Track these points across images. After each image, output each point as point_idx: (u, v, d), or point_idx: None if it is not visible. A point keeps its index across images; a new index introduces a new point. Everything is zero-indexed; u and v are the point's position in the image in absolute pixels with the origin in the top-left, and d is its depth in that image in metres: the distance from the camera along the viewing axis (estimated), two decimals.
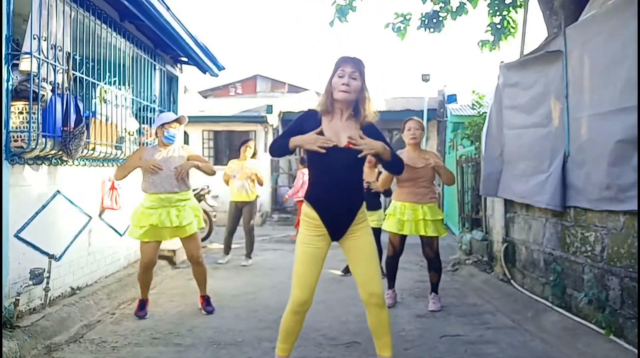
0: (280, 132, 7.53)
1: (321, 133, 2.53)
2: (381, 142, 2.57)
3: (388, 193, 5.52)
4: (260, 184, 6.39)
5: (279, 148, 2.68)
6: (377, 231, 5.56)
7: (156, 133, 4.09)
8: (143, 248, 3.91)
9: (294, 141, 2.55)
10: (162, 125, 3.97)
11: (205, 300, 4.14)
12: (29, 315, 3.45)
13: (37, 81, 3.47)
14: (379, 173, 5.58)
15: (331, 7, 7.01)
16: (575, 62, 3.63)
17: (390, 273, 4.41)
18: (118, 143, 4.77)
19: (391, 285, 4.43)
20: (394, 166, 2.77)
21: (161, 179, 3.87)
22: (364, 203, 2.69)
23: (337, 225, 2.60)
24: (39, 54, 3.50)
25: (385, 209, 6.21)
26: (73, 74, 3.98)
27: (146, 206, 3.87)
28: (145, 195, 3.92)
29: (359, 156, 2.51)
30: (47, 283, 3.62)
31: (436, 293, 4.29)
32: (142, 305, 4.00)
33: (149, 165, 3.83)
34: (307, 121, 2.62)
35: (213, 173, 4.12)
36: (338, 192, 2.56)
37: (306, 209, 2.62)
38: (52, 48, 3.70)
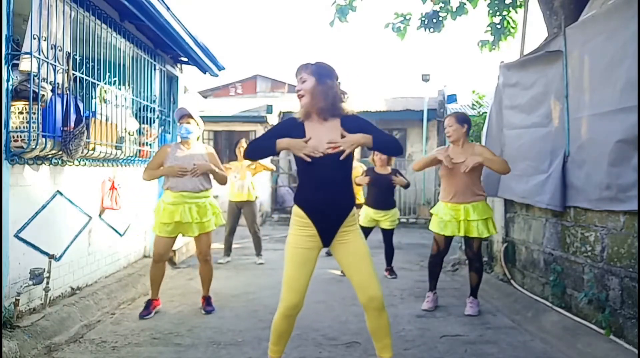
0: None
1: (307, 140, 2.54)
2: (360, 134, 2.52)
3: (406, 186, 5.48)
4: (270, 170, 6.65)
5: (260, 150, 2.66)
6: (390, 233, 5.55)
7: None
8: (157, 241, 3.99)
9: (281, 143, 2.53)
10: (179, 121, 4.10)
11: (206, 300, 4.15)
12: (29, 315, 3.45)
13: (37, 81, 3.47)
14: (393, 170, 5.54)
15: (331, 7, 7.02)
16: (575, 62, 3.63)
17: (432, 271, 4.25)
18: (118, 143, 4.77)
19: (432, 286, 4.26)
20: (383, 148, 2.72)
21: (183, 180, 3.94)
22: (354, 207, 2.65)
23: (326, 225, 2.55)
24: (39, 54, 3.50)
25: (400, 209, 6.15)
26: (73, 74, 3.98)
27: (168, 201, 3.94)
28: (166, 191, 3.99)
29: (341, 157, 2.50)
30: (47, 283, 3.62)
31: (475, 297, 4.11)
32: (147, 305, 4.02)
33: (176, 171, 3.88)
34: (290, 128, 2.61)
35: (224, 183, 4.22)
36: (326, 192, 2.54)
37: (296, 210, 2.62)
38: (52, 48, 3.70)
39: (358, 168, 6.24)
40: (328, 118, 2.59)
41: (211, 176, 4.14)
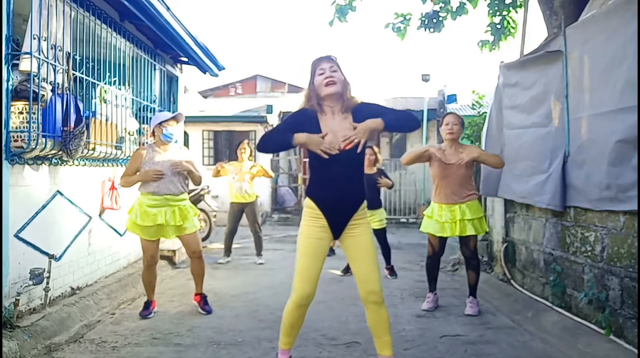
0: None
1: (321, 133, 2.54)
2: (369, 120, 2.51)
3: (390, 186, 5.56)
4: (270, 177, 6.47)
5: (275, 143, 2.66)
6: (382, 232, 5.57)
7: (153, 132, 4.03)
8: (145, 246, 3.92)
9: (299, 138, 2.49)
10: (160, 124, 3.94)
11: (202, 299, 4.12)
12: (29, 315, 3.45)
13: (37, 81, 3.47)
14: (379, 170, 5.58)
15: (331, 7, 7.02)
16: (575, 62, 3.63)
17: (430, 274, 4.25)
18: (118, 143, 4.77)
19: (432, 287, 4.26)
20: (398, 126, 2.73)
21: (165, 183, 3.86)
22: (365, 200, 2.69)
23: (337, 218, 2.60)
24: (39, 54, 3.50)
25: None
26: (73, 74, 3.99)
27: (148, 204, 3.83)
28: (144, 194, 3.87)
29: (358, 150, 2.51)
30: (47, 283, 3.62)
31: (474, 297, 4.10)
32: (147, 305, 4.02)
33: (151, 176, 3.80)
34: (304, 120, 2.61)
35: (199, 184, 4.16)
36: (338, 187, 2.58)
37: (308, 202, 2.64)
38: (52, 48, 3.70)
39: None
40: (342, 112, 2.61)
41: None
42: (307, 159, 3.04)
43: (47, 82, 3.64)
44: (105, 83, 4.58)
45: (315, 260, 2.58)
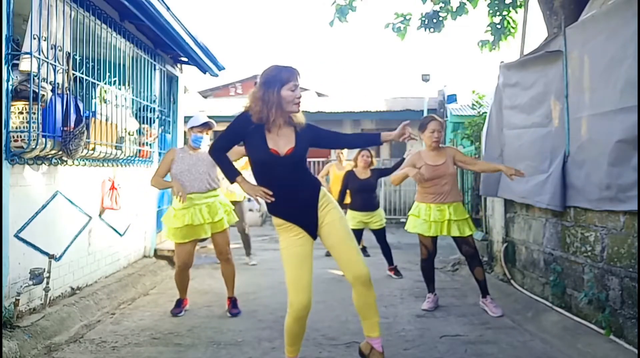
0: None
1: (265, 144, 2.56)
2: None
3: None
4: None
5: (221, 168, 2.76)
6: (382, 232, 5.59)
7: (186, 134, 4.11)
8: (178, 251, 3.96)
9: (239, 181, 2.65)
10: (191, 128, 4.01)
11: (232, 302, 4.08)
12: (29, 315, 3.45)
13: (37, 81, 3.47)
14: (372, 171, 5.60)
15: (331, 7, 7.02)
16: (575, 62, 3.63)
17: (428, 276, 4.26)
18: (118, 143, 4.77)
19: (431, 288, 4.26)
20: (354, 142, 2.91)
21: (191, 182, 3.89)
22: (321, 187, 2.71)
23: (305, 219, 2.62)
24: (39, 54, 3.50)
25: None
26: (73, 74, 3.99)
27: (177, 208, 3.87)
28: (175, 198, 3.90)
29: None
30: (47, 283, 3.62)
31: (489, 295, 4.04)
32: (178, 303, 4.07)
33: (179, 190, 3.76)
34: (250, 130, 2.61)
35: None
36: (291, 193, 2.60)
37: (274, 220, 2.67)
38: (52, 48, 3.70)
39: (347, 167, 6.30)
40: (287, 124, 2.63)
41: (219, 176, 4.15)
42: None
43: (47, 82, 3.64)
44: (105, 83, 4.58)
45: (303, 268, 2.57)
